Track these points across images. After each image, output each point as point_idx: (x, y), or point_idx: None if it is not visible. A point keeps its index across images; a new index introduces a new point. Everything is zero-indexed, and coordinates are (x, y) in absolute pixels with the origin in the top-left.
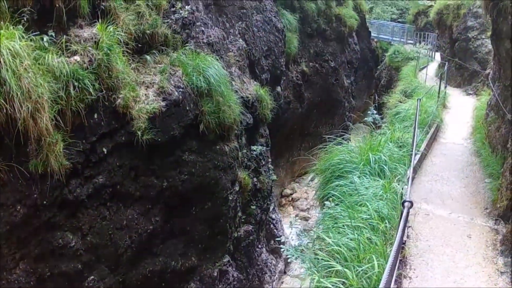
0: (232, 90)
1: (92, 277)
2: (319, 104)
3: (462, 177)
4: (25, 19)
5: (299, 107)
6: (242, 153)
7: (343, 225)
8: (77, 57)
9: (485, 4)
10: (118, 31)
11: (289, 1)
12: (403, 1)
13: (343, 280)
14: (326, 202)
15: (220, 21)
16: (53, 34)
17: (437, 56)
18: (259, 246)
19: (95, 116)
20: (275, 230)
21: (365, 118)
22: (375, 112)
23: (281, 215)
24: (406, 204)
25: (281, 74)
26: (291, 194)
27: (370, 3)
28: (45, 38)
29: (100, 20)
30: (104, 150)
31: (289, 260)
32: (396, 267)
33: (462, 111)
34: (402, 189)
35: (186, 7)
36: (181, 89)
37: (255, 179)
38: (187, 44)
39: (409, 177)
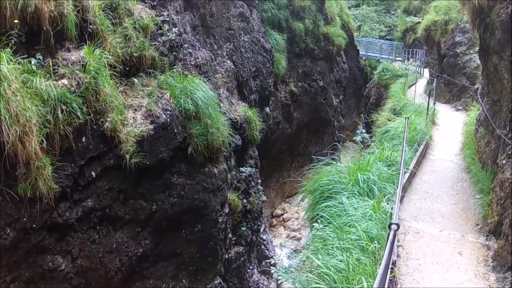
0: (220, 112)
1: None
2: (308, 124)
3: (452, 194)
4: (12, 42)
5: (288, 128)
6: (231, 174)
7: (332, 247)
8: (64, 81)
9: (472, 20)
10: (105, 54)
11: (277, 22)
12: (391, 18)
13: None
14: (314, 224)
15: (208, 43)
16: (41, 57)
17: (426, 72)
18: (250, 267)
19: (83, 139)
20: (266, 251)
21: (354, 137)
22: (364, 131)
23: (272, 236)
24: (392, 226)
25: (269, 95)
26: (282, 214)
27: (358, 21)
28: (33, 61)
29: (87, 43)
30: (93, 173)
31: (279, 282)
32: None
33: (452, 127)
34: (392, 208)
35: (173, 29)
36: (169, 112)
37: (245, 201)
38: (174, 66)
39: (397, 198)
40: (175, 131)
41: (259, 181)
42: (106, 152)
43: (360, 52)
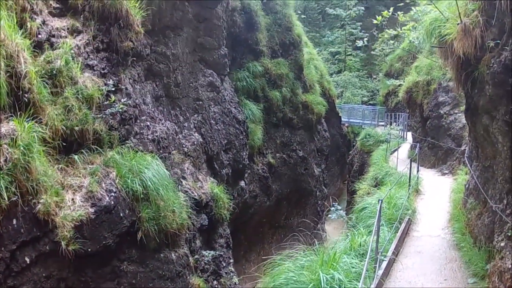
0: (180, 190)
1: None
2: (288, 195)
3: (439, 281)
4: None
5: (267, 200)
6: (195, 258)
7: None
8: None
9: (456, 76)
10: (40, 127)
11: (252, 91)
12: (373, 82)
13: None
14: None
15: (173, 114)
16: None
17: (409, 136)
18: None
19: (14, 222)
20: None
21: (329, 215)
22: (339, 207)
23: None
24: None
25: (244, 168)
26: None
27: (340, 88)
28: None
29: (22, 114)
30: (27, 259)
31: None
32: None
33: (438, 194)
34: None
35: (123, 99)
36: (113, 194)
37: (215, 282)
38: (127, 141)
39: None
40: (121, 215)
41: (231, 261)
42: (41, 237)
43: (343, 119)
